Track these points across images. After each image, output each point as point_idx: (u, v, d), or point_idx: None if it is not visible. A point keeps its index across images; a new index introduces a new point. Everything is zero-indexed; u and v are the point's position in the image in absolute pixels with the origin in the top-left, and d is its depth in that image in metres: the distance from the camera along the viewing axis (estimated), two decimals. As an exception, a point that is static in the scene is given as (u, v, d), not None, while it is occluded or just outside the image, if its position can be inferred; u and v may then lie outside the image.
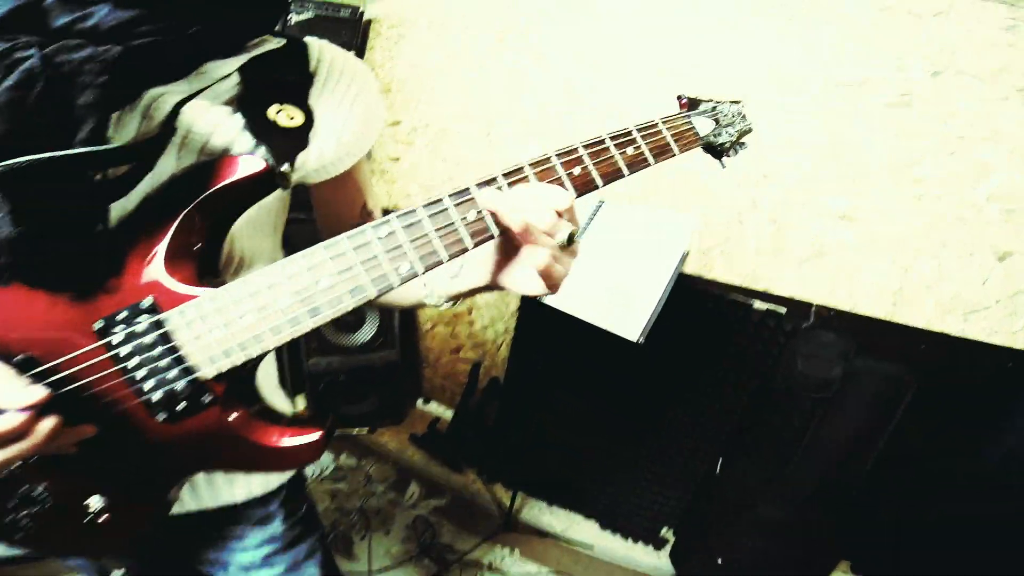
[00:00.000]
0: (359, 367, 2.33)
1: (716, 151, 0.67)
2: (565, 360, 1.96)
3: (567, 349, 1.92)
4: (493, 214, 0.51)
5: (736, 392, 1.82)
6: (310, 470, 2.25)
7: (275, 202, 0.67)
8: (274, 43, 0.64)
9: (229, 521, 0.78)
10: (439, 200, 0.51)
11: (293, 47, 0.65)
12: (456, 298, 0.64)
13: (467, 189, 0.51)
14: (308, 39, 0.67)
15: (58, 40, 0.46)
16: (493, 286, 0.59)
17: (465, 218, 0.51)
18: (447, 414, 2.64)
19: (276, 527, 0.80)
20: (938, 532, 1.68)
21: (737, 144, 0.67)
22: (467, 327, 2.56)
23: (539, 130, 2.19)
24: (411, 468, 2.37)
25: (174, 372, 0.52)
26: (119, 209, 0.52)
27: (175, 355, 0.52)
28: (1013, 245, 1.62)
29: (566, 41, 2.11)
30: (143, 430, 0.54)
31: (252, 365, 0.55)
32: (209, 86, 0.57)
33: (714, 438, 1.88)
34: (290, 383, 2.32)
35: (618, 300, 1.23)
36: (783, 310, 1.75)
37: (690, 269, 1.94)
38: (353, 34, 2.34)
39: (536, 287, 0.53)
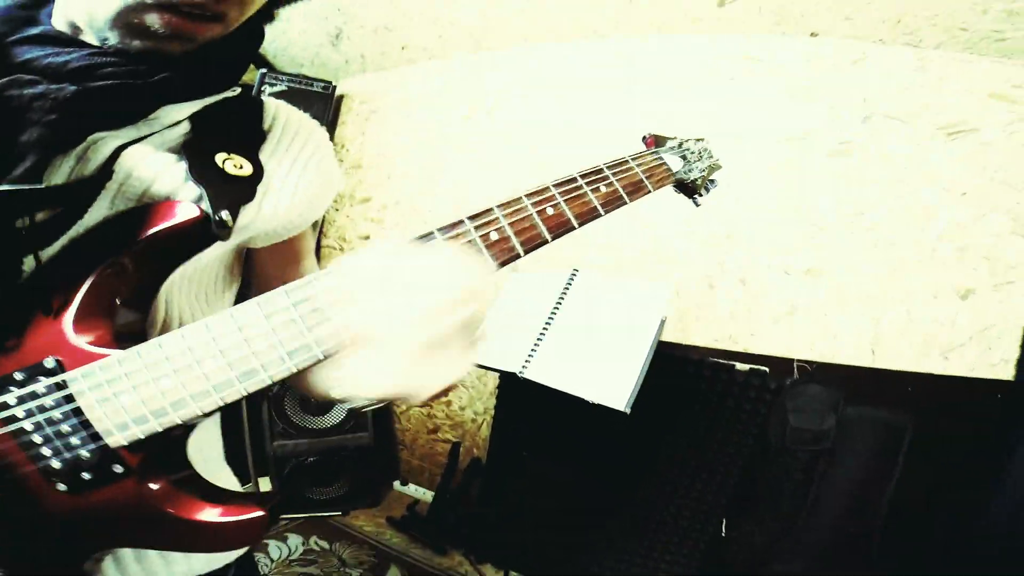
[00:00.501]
0: (329, 449, 2.24)
1: (688, 188, 0.66)
2: (550, 434, 1.88)
3: (551, 424, 1.86)
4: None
5: (730, 453, 1.76)
6: (277, 553, 2.09)
7: (218, 263, 0.62)
8: (229, 92, 0.62)
9: None
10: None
11: (249, 100, 0.63)
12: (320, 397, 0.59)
13: (430, 233, 0.48)
14: (265, 97, 0.65)
15: (25, 71, 0.44)
16: (310, 389, 0.56)
17: None
18: (427, 496, 2.52)
19: None
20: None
21: (708, 181, 0.66)
22: (444, 408, 2.49)
23: (507, 208, 2.24)
24: (390, 552, 2.22)
25: (78, 438, 0.46)
26: (34, 260, 0.47)
27: (80, 419, 0.46)
28: (971, 282, 1.67)
29: (530, 116, 2.23)
30: (41, 500, 0.47)
31: (178, 434, 0.49)
32: (157, 132, 0.54)
33: (714, 501, 1.79)
34: (252, 464, 2.22)
35: (601, 371, 1.18)
36: (766, 368, 1.73)
37: (667, 336, 1.94)
38: (325, 109, 2.42)
39: (408, 387, 0.46)
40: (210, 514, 0.49)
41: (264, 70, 2.55)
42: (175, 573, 0.62)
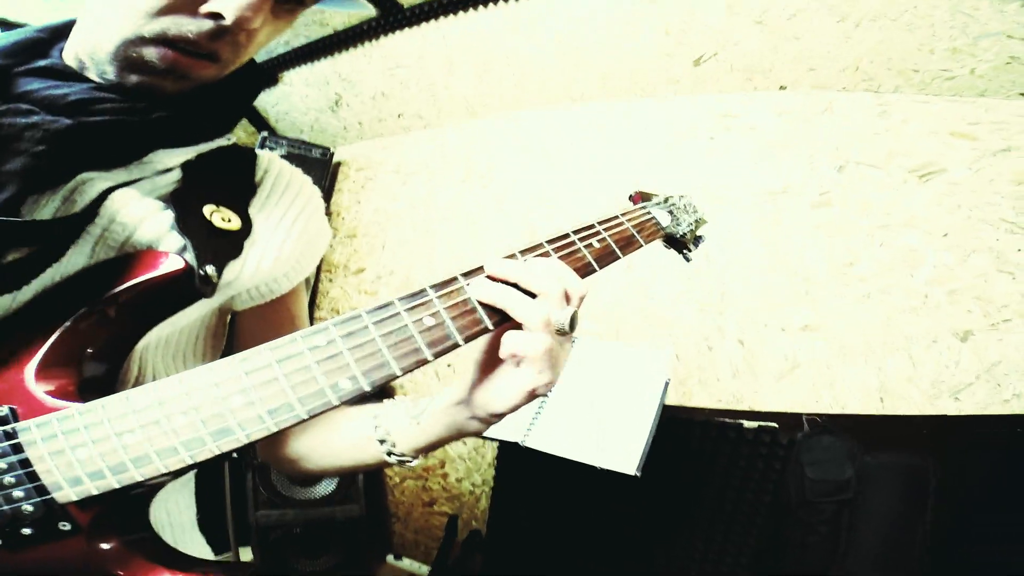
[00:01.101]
0: (317, 520, 2.14)
1: (678, 243, 0.67)
2: (555, 505, 1.78)
3: (555, 494, 1.76)
4: (489, 302, 0.46)
5: (748, 512, 1.68)
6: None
7: (199, 323, 0.59)
8: (223, 140, 0.61)
9: None
10: (389, 304, 0.44)
11: (241, 152, 0.62)
12: (424, 450, 0.55)
13: (423, 290, 0.46)
14: (258, 150, 0.65)
15: (24, 102, 0.44)
16: (470, 420, 0.51)
17: (421, 321, 0.44)
18: (422, 570, 2.43)
19: None
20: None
21: (696, 236, 0.68)
22: (440, 480, 2.41)
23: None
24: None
25: (21, 491, 0.42)
26: (2, 304, 0.45)
27: (26, 471, 0.42)
28: (968, 324, 1.67)
29: (523, 180, 2.30)
30: None
31: (139, 492, 0.45)
32: (147, 177, 0.53)
33: (736, 563, 1.68)
34: (232, 533, 2.12)
35: (608, 436, 1.14)
36: (775, 424, 1.69)
37: (670, 400, 1.91)
38: (323, 175, 2.47)
39: (533, 382, 0.46)
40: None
41: (265, 133, 2.63)
42: None
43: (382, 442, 0.56)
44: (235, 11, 0.46)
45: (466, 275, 0.48)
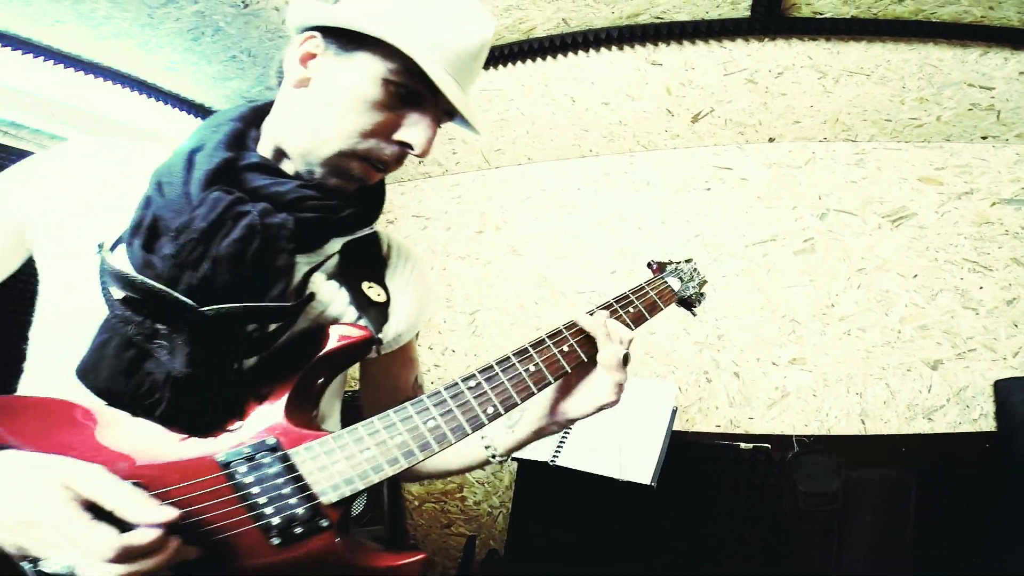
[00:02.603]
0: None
1: (687, 303, 0.87)
2: (570, 523, 1.93)
3: (571, 512, 1.91)
4: (594, 335, 0.67)
5: (748, 524, 1.84)
6: None
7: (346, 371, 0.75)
8: (369, 229, 0.76)
9: None
10: (507, 358, 0.66)
11: (369, 234, 0.77)
12: (513, 450, 0.75)
13: (525, 349, 0.67)
14: (376, 228, 0.79)
15: (240, 199, 0.57)
16: (550, 425, 0.71)
17: (528, 369, 0.66)
18: None
19: None
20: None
21: (700, 294, 0.88)
22: (458, 503, 2.52)
23: (518, 319, 2.45)
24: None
25: (296, 499, 0.57)
26: (249, 362, 0.60)
27: (299, 484, 0.58)
28: (938, 354, 1.88)
29: (536, 229, 2.49)
30: (249, 555, 0.56)
31: (368, 493, 0.62)
32: (323, 259, 0.68)
33: (739, 569, 1.85)
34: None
35: (627, 454, 1.33)
36: (768, 445, 1.87)
37: (675, 427, 2.09)
38: None
39: (613, 395, 0.68)
40: (387, 560, 0.62)
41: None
42: None
43: (487, 447, 0.75)
44: (423, 144, 0.64)
45: (551, 336, 0.69)
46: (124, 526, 0.49)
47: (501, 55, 2.15)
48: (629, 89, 2.20)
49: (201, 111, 2.86)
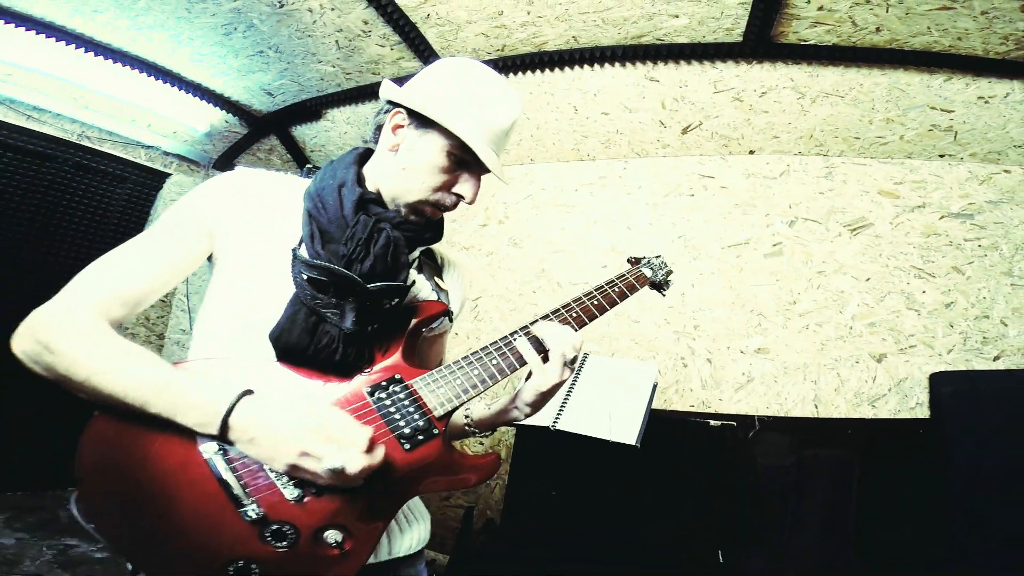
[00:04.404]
0: None
1: (657, 286, 1.13)
2: (562, 489, 2.16)
3: (562, 480, 2.14)
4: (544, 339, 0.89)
5: (716, 492, 2.09)
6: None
7: None
8: (435, 244, 1.01)
9: None
10: (525, 326, 0.91)
11: (430, 247, 1.04)
12: (486, 424, 0.98)
13: (547, 315, 0.92)
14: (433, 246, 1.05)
15: (380, 218, 0.84)
16: (512, 409, 0.93)
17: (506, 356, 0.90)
18: (440, 558, 2.70)
19: None
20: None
21: (667, 280, 1.14)
22: None
23: (517, 305, 2.68)
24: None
25: (417, 415, 0.81)
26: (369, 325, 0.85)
27: (418, 403, 0.81)
28: (883, 348, 2.16)
29: (536, 225, 2.72)
30: (390, 460, 0.76)
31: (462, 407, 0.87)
32: (413, 260, 0.94)
33: (709, 533, 2.09)
34: None
35: (615, 419, 1.58)
36: (734, 423, 2.13)
37: (654, 406, 2.35)
38: None
39: (561, 375, 0.89)
40: (473, 459, 0.86)
41: (309, 166, 2.99)
42: (403, 548, 0.92)
43: (466, 415, 0.98)
44: (472, 197, 0.90)
45: (554, 311, 0.94)
46: None
47: (513, 64, 2.36)
48: (627, 102, 2.43)
49: (219, 100, 3.01)
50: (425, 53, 2.39)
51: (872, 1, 1.78)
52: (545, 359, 0.88)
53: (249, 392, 0.72)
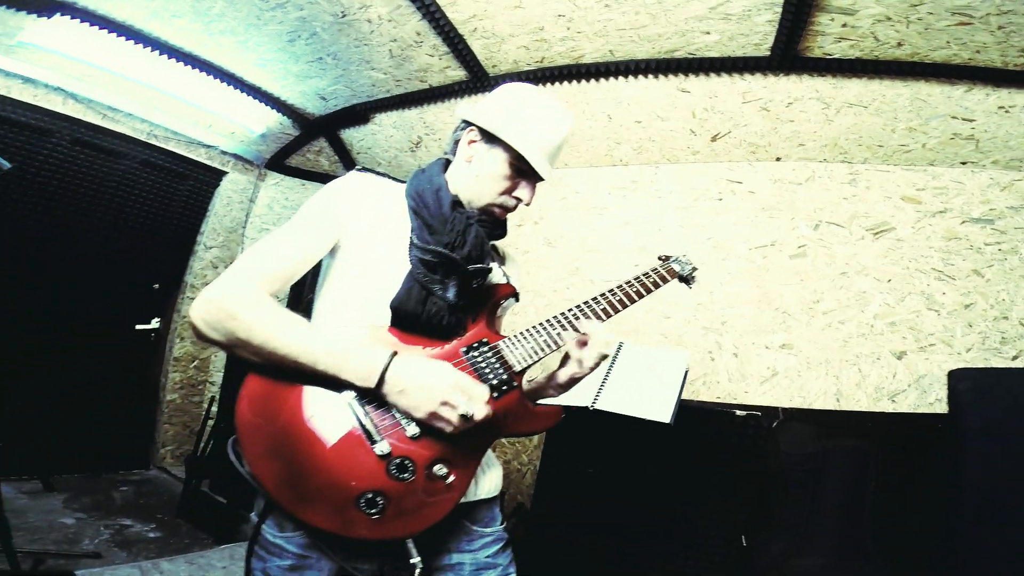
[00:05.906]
0: None
1: (685, 279, 1.28)
2: (592, 477, 2.28)
3: (594, 465, 2.27)
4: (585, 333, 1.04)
5: (742, 478, 2.20)
6: None
7: None
8: (501, 240, 1.20)
9: (470, 518, 1.06)
10: (562, 314, 1.07)
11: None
12: (531, 399, 1.12)
13: (588, 302, 1.09)
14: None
15: (469, 215, 1.03)
16: (548, 389, 1.12)
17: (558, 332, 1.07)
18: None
19: (497, 528, 1.11)
20: None
21: (692, 276, 1.29)
22: None
23: (552, 300, 2.84)
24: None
25: (502, 369, 0.99)
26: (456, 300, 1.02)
27: (503, 361, 1.00)
28: (903, 346, 2.26)
29: (569, 227, 2.86)
30: None
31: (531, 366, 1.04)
32: (487, 251, 1.10)
33: (734, 517, 2.19)
34: None
35: (649, 399, 1.72)
36: (759, 413, 2.24)
37: (685, 396, 2.47)
38: None
39: (581, 373, 1.06)
40: (543, 408, 1.05)
41: (359, 167, 3.18)
42: (482, 491, 1.08)
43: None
44: (529, 200, 1.08)
45: (593, 299, 1.09)
46: None
47: (551, 75, 2.52)
48: (660, 111, 2.57)
49: (276, 103, 3.23)
50: (470, 63, 2.57)
51: (893, 18, 1.89)
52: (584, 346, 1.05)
53: (396, 353, 0.89)
